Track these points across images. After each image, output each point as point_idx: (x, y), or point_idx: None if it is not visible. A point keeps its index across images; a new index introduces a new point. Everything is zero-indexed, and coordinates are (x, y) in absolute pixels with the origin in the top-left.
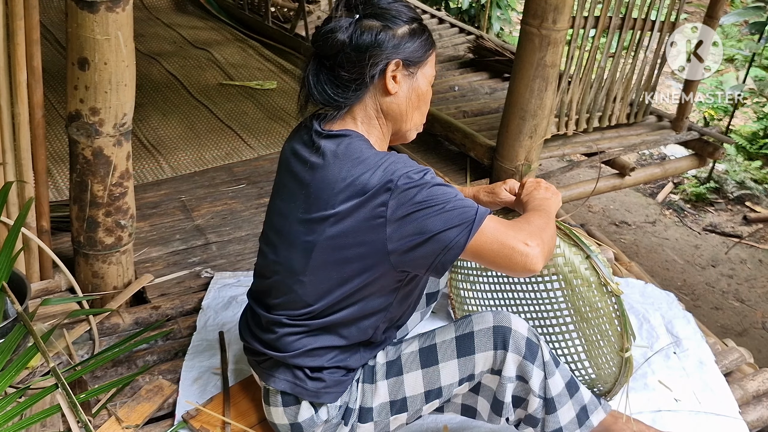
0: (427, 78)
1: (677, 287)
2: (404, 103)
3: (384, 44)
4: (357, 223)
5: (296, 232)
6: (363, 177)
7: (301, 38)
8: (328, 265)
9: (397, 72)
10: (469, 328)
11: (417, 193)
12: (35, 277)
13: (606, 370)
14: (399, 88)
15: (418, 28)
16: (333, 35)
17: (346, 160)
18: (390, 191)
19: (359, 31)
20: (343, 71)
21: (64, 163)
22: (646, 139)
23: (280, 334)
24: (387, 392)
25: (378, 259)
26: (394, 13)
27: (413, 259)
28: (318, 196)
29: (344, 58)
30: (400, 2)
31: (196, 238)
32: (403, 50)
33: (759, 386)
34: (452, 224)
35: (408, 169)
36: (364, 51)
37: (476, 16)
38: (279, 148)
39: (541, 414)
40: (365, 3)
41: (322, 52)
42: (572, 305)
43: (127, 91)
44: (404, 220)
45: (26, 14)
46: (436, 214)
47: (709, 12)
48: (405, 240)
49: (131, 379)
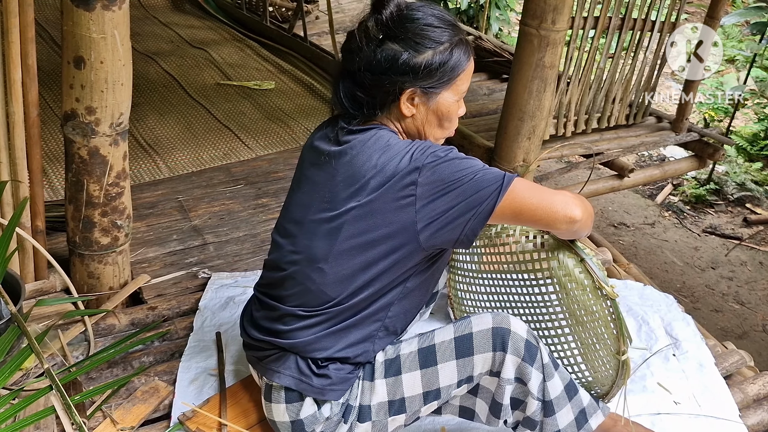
0: (452, 98)
1: (676, 289)
2: (421, 125)
3: (401, 72)
4: (385, 204)
5: (320, 219)
6: (392, 163)
7: (299, 38)
8: (353, 249)
9: (414, 96)
10: (468, 330)
11: (445, 168)
12: (30, 277)
13: (603, 372)
14: (416, 110)
15: (447, 50)
16: (351, 55)
17: (375, 148)
18: (418, 170)
19: (378, 55)
20: (359, 91)
21: (59, 163)
22: (645, 141)
23: (293, 327)
24: (385, 392)
25: (405, 238)
26: (421, 38)
27: (444, 230)
28: (346, 182)
29: (361, 78)
30: (434, 23)
31: (194, 239)
32: (422, 78)
33: (759, 389)
34: (481, 188)
35: (435, 149)
36: (378, 76)
37: (475, 16)
38: (277, 148)
39: (539, 417)
40: (395, 22)
41: (344, 66)
42: (567, 309)
43: (124, 90)
44: (434, 194)
45: (21, 12)
46: (465, 183)
47: (710, 12)
48: (436, 213)
49: (127, 381)
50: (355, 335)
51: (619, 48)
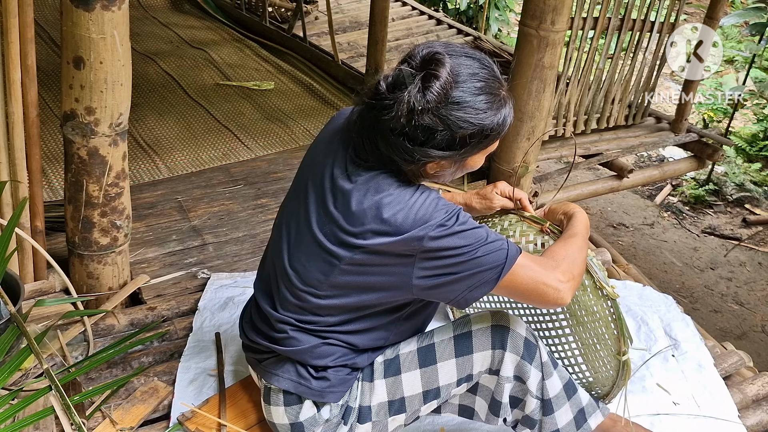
0: (482, 157)
1: (675, 290)
2: (445, 179)
3: (436, 147)
4: (386, 258)
5: (317, 239)
6: (396, 217)
7: (298, 39)
8: (348, 288)
9: (444, 162)
10: (468, 328)
11: (448, 242)
12: (29, 277)
13: (603, 373)
14: (441, 170)
15: (483, 131)
16: (383, 113)
17: (377, 194)
18: (421, 239)
19: (414, 123)
20: (384, 147)
21: (58, 163)
22: (644, 141)
23: (288, 336)
24: (385, 392)
25: (403, 289)
26: (465, 123)
27: (438, 291)
28: (346, 222)
29: (385, 136)
30: (482, 106)
31: (193, 239)
32: (453, 153)
33: (759, 390)
34: (482, 269)
35: (441, 217)
36: (409, 143)
37: (474, 17)
38: (276, 148)
39: (538, 415)
40: (439, 95)
41: (372, 113)
42: (568, 309)
43: (123, 90)
44: (434, 264)
45: (20, 12)
46: (466, 261)
47: (709, 13)
48: (433, 278)
49: (126, 381)
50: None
51: (618, 48)
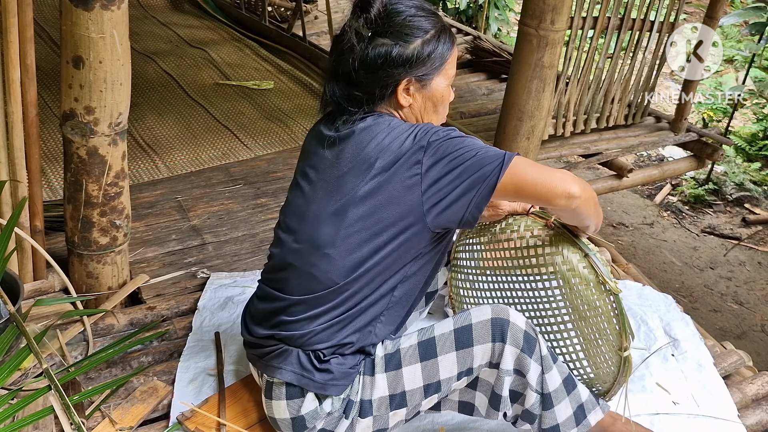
0: (444, 83)
1: (675, 289)
2: (419, 112)
3: (394, 64)
4: (392, 185)
5: (324, 206)
6: (396, 142)
7: (298, 38)
8: (361, 231)
9: (410, 86)
10: (468, 321)
11: (448, 146)
12: (28, 277)
13: (605, 369)
14: (412, 99)
15: (433, 37)
16: (343, 57)
17: (379, 130)
18: (423, 149)
19: (370, 52)
20: (356, 91)
21: (58, 163)
22: (644, 141)
23: (298, 318)
24: (386, 386)
25: (413, 219)
26: (408, 29)
27: (449, 209)
28: (351, 165)
29: (357, 77)
30: (417, 14)
31: (192, 239)
32: (414, 67)
33: (758, 390)
34: (483, 165)
35: (437, 128)
36: (374, 72)
37: (474, 16)
38: (276, 148)
39: (538, 410)
40: (383, 18)
41: (336, 69)
42: (570, 304)
43: (123, 90)
44: (438, 174)
45: (19, 11)
46: (467, 161)
47: (709, 12)
48: (441, 192)
49: (125, 381)
50: (359, 321)
51: (618, 48)
